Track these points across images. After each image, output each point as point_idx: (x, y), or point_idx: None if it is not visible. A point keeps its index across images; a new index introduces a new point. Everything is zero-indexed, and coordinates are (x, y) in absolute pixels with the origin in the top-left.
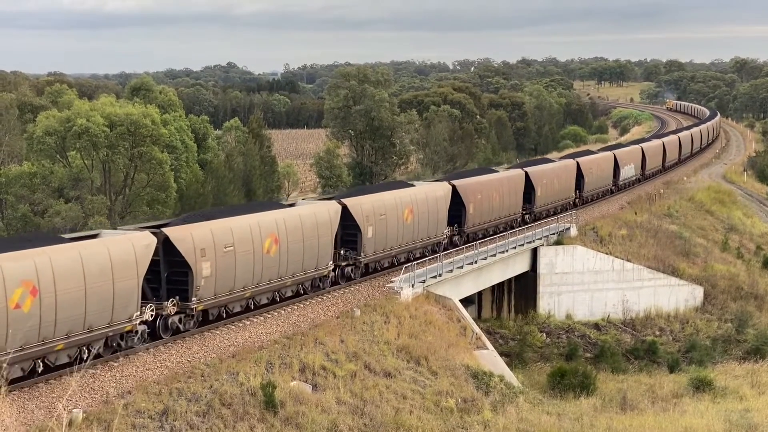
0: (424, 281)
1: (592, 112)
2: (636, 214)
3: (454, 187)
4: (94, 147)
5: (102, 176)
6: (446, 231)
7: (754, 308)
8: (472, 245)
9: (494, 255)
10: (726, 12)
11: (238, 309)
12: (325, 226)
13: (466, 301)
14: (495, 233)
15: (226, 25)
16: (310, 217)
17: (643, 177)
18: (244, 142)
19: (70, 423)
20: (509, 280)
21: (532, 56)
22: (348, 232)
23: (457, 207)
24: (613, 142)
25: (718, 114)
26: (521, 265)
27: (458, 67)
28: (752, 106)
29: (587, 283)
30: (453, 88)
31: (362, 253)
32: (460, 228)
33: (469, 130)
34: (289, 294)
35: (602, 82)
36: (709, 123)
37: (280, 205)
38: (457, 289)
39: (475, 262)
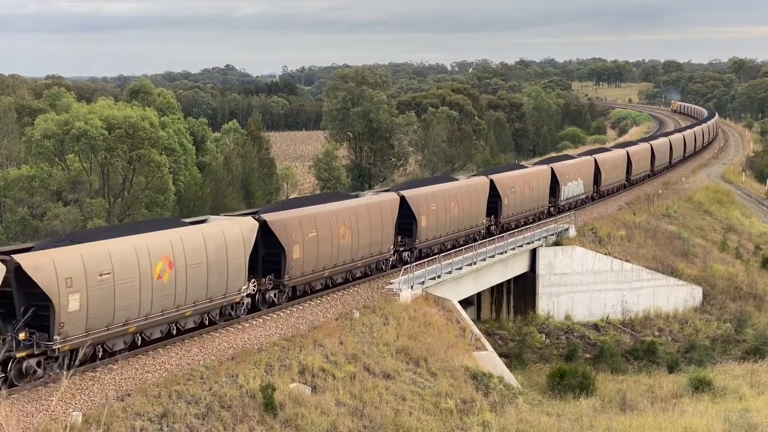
0: (423, 283)
1: (591, 113)
2: (634, 214)
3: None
4: (93, 150)
5: (100, 179)
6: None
7: (753, 308)
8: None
9: (493, 256)
10: (724, 13)
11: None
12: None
13: (466, 303)
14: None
15: (225, 27)
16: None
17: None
18: (243, 145)
19: (70, 425)
20: (508, 281)
21: (530, 57)
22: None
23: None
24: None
25: (716, 114)
26: (520, 266)
27: (456, 69)
28: (750, 106)
29: (586, 283)
30: (451, 89)
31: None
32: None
33: (468, 132)
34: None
35: (600, 82)
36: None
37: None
38: (456, 291)
39: (474, 263)
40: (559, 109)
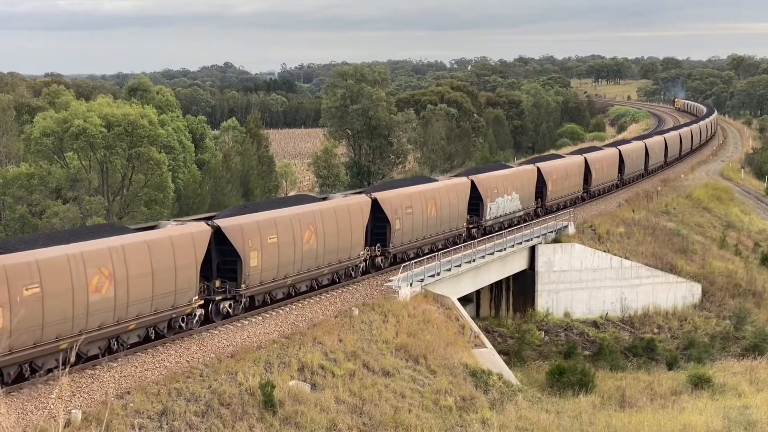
0: (422, 280)
1: (590, 110)
2: (633, 211)
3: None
4: (92, 148)
5: (100, 177)
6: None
7: (753, 305)
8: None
9: (492, 253)
10: (723, 9)
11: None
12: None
13: (465, 300)
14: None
15: (223, 25)
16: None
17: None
18: (242, 142)
19: (69, 423)
20: (507, 278)
21: (529, 54)
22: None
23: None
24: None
25: (715, 111)
26: (519, 264)
27: (455, 66)
28: (749, 103)
29: (585, 281)
30: (450, 86)
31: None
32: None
33: (467, 129)
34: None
35: (599, 80)
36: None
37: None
38: (455, 288)
39: (473, 261)
40: (558, 106)
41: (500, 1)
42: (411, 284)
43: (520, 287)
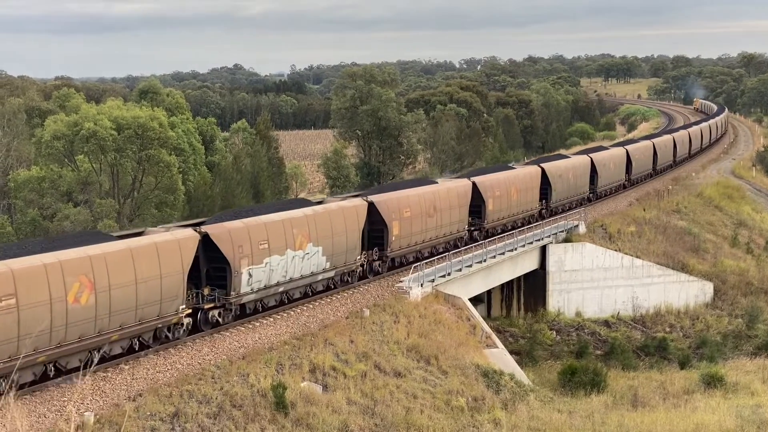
0: (433, 280)
1: (600, 109)
2: (644, 210)
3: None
4: (102, 150)
5: (110, 180)
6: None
7: (765, 303)
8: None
9: (503, 253)
10: (732, 7)
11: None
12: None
13: (476, 300)
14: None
15: (232, 26)
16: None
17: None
18: (252, 144)
19: (82, 426)
20: (518, 278)
21: (539, 54)
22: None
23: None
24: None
25: (726, 109)
26: (530, 263)
27: (465, 66)
28: (760, 101)
29: (597, 280)
30: (460, 86)
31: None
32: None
33: (477, 129)
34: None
35: (609, 78)
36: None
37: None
38: (466, 288)
39: (484, 261)
40: (568, 105)
41: (510, 1)
42: (422, 285)
43: (531, 287)
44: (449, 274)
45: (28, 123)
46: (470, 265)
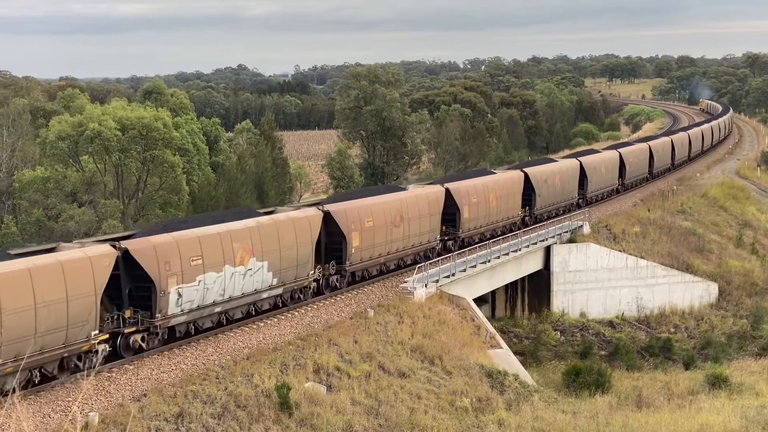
0: (437, 281)
1: (604, 110)
2: (649, 211)
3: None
4: (107, 151)
5: (115, 180)
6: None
7: None
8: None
9: (507, 254)
10: (737, 7)
11: None
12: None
13: (480, 300)
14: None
15: (236, 27)
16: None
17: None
18: (256, 144)
19: (87, 426)
20: (523, 278)
21: (543, 54)
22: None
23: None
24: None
25: (730, 110)
26: (534, 264)
27: (469, 66)
28: (765, 101)
29: (601, 280)
30: (464, 87)
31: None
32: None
33: (481, 129)
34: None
35: (613, 79)
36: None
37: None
38: (470, 289)
39: (488, 261)
40: (572, 105)
41: (513, 2)
42: (426, 285)
43: (536, 287)
44: (453, 275)
45: (33, 123)
46: (474, 266)
